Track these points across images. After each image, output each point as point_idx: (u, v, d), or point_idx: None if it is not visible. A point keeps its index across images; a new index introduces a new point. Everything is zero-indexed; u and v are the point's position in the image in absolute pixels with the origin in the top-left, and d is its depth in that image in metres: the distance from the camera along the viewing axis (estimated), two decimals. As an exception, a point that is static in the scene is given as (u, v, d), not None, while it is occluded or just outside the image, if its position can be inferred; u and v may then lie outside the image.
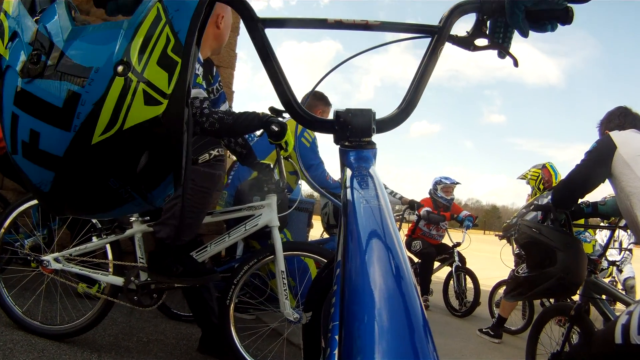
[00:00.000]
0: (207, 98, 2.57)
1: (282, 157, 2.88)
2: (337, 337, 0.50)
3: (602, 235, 6.64)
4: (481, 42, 1.06)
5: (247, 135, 3.63)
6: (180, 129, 0.81)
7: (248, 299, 3.40)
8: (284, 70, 0.92)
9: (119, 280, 2.87)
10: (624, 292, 6.57)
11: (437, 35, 0.99)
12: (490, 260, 5.26)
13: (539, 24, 1.00)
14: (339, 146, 0.91)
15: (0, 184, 4.50)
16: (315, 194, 7.29)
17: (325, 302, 1.09)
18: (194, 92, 2.53)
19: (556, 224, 2.92)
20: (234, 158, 3.51)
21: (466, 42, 1.06)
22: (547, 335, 3.49)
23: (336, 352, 0.48)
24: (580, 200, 3.03)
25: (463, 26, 1.06)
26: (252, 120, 2.54)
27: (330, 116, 0.94)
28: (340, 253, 0.67)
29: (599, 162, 2.59)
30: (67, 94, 0.76)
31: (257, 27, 0.91)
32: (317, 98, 4.31)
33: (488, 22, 1.05)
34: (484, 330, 5.38)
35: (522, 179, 6.02)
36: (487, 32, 1.06)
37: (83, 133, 0.77)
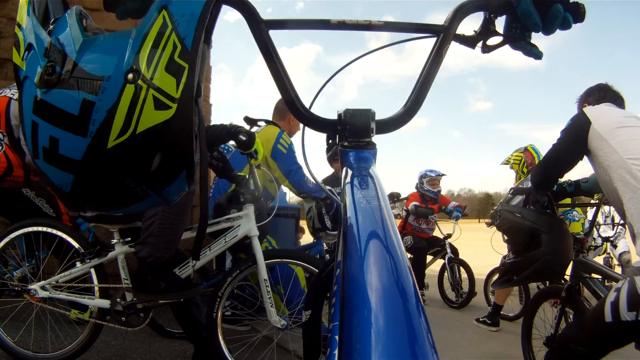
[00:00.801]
0: None
1: (254, 166, 2.90)
2: (337, 337, 0.50)
3: (593, 213, 6.65)
4: (490, 40, 1.05)
5: (223, 148, 3.63)
6: (190, 130, 0.83)
7: (239, 310, 3.40)
8: (286, 70, 0.95)
9: (105, 303, 2.87)
10: (620, 268, 6.60)
11: (442, 35, 0.98)
12: (485, 248, 5.25)
13: (549, 17, 0.97)
14: (339, 146, 0.92)
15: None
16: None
17: (324, 301, 1.09)
18: None
19: (538, 206, 2.91)
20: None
21: (473, 42, 1.05)
22: (541, 319, 3.49)
23: (336, 352, 0.48)
24: (562, 180, 3.02)
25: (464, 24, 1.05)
26: (220, 132, 2.56)
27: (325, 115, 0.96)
28: (340, 253, 0.67)
29: (575, 139, 2.55)
30: (82, 103, 0.79)
31: (261, 28, 0.93)
32: None
33: (503, 20, 1.03)
34: (480, 319, 5.39)
35: (505, 164, 5.98)
36: (503, 31, 1.03)
37: (99, 138, 0.80)
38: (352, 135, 0.89)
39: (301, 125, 1.09)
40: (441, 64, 0.98)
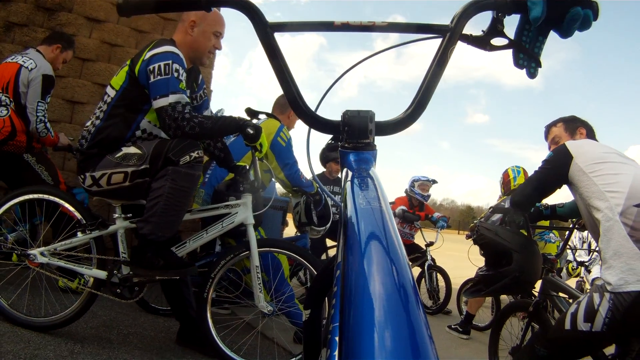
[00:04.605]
0: (188, 103, 2.71)
1: (257, 158, 3.02)
2: (337, 338, 0.49)
3: (575, 239, 6.81)
4: (498, 41, 1.02)
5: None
6: None
7: (224, 292, 3.53)
8: (290, 71, 0.96)
9: (102, 274, 2.97)
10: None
11: (448, 35, 0.95)
12: (462, 259, 5.39)
13: (563, 21, 0.93)
14: (339, 147, 0.92)
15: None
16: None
17: (325, 300, 1.10)
18: (176, 97, 2.68)
19: (513, 226, 3.08)
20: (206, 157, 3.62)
21: (481, 42, 1.01)
22: (508, 331, 3.67)
23: (336, 353, 0.48)
24: (539, 203, 3.21)
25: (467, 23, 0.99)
26: (229, 124, 2.70)
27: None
28: (340, 254, 0.66)
29: (556, 171, 2.72)
30: None
31: (267, 31, 0.94)
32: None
33: (517, 22, 1.01)
34: (452, 326, 5.56)
35: None
36: (514, 34, 1.01)
37: None
38: (351, 136, 0.89)
39: (301, 124, 1.12)
40: (446, 66, 0.96)
